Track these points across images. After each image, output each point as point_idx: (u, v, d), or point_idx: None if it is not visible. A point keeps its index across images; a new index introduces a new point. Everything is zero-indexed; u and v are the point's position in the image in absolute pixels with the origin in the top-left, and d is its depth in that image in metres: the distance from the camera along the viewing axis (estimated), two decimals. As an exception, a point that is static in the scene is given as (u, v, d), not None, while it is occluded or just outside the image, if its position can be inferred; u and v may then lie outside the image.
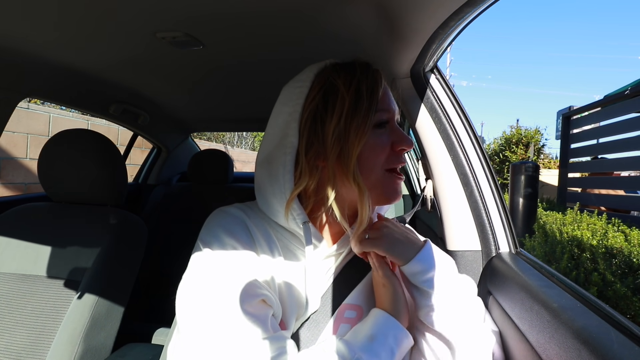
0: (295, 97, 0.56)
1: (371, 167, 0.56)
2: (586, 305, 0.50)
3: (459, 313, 0.55)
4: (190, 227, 1.93)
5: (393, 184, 0.58)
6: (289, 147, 0.55)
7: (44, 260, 1.07)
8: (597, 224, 2.20)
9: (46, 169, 1.12)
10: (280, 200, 0.56)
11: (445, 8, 0.56)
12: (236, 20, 0.78)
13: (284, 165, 0.55)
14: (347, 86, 0.55)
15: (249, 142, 11.12)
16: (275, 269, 0.57)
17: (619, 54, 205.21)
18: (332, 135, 0.54)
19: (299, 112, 0.55)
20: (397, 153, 0.58)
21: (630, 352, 0.38)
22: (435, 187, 0.86)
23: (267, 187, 0.58)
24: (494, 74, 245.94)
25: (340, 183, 0.56)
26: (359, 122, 0.53)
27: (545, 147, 10.88)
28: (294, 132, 0.55)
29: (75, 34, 0.89)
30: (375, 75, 0.57)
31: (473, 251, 0.80)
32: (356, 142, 0.53)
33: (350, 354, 0.49)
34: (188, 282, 0.53)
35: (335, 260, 0.62)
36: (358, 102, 0.54)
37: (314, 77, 0.57)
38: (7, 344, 0.97)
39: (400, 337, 0.54)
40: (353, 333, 0.54)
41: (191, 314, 0.50)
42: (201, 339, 0.48)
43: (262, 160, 0.59)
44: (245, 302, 0.49)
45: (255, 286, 0.52)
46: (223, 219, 0.58)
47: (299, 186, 0.54)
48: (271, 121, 0.60)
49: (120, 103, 1.54)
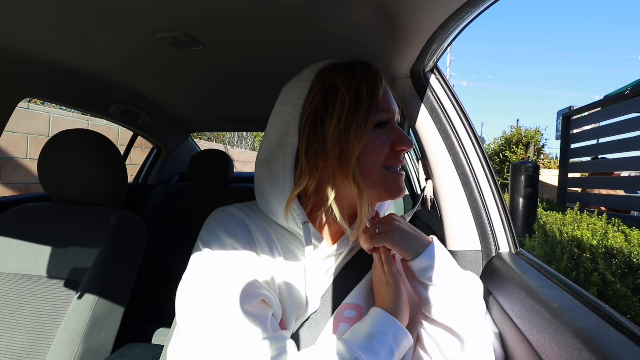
0: (295, 97, 0.56)
1: (371, 166, 0.56)
2: (586, 305, 0.50)
3: (466, 307, 0.55)
4: (190, 227, 1.93)
5: (394, 180, 0.58)
6: (289, 147, 0.55)
7: (44, 260, 1.07)
8: (597, 224, 2.20)
9: (46, 169, 1.12)
10: (280, 200, 0.56)
11: (445, 8, 0.56)
12: (236, 20, 0.78)
13: (283, 165, 0.55)
14: (347, 86, 0.55)
15: (249, 142, 11.12)
16: (275, 268, 0.57)
17: (619, 54, 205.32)
18: (332, 135, 0.54)
19: (299, 112, 0.55)
20: (396, 153, 0.58)
21: (630, 352, 0.38)
22: (435, 187, 0.86)
23: (267, 187, 0.58)
24: (494, 74, 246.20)
25: (340, 183, 0.56)
26: (359, 122, 0.53)
27: (545, 147, 10.88)
28: (294, 132, 0.55)
29: (75, 34, 0.89)
30: (375, 75, 0.57)
31: (473, 251, 0.80)
32: (356, 142, 0.53)
33: (349, 353, 0.49)
34: (188, 282, 0.53)
35: (335, 260, 0.62)
36: (358, 102, 0.54)
37: (314, 77, 0.57)
38: (7, 344, 0.97)
39: (400, 335, 0.54)
40: (352, 332, 0.54)
41: (191, 314, 0.50)
42: (201, 339, 0.48)
43: (262, 160, 0.59)
44: (245, 302, 0.49)
45: (255, 286, 0.52)
46: (223, 219, 0.58)
47: (299, 186, 0.54)
48: (271, 121, 0.60)
49: (120, 103, 1.54)
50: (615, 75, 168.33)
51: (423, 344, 0.57)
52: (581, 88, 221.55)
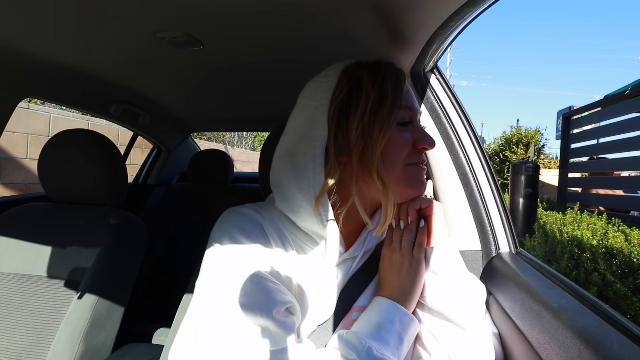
0: (322, 91, 0.56)
1: (394, 162, 0.56)
2: (586, 305, 0.50)
3: (467, 300, 0.56)
4: (191, 227, 1.94)
5: (416, 175, 0.58)
6: (319, 140, 0.53)
7: (44, 260, 1.07)
8: (597, 224, 2.19)
9: (46, 169, 1.12)
10: (307, 195, 0.53)
11: (445, 8, 0.56)
12: (236, 20, 0.78)
13: (313, 158, 0.53)
14: (372, 81, 0.55)
15: (249, 142, 11.12)
16: (293, 272, 0.55)
17: (619, 54, 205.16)
18: (356, 130, 0.53)
19: (327, 106, 0.54)
20: (418, 151, 0.58)
21: (630, 352, 0.38)
22: (436, 187, 0.86)
23: (290, 180, 0.55)
24: (494, 74, 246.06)
25: (363, 179, 0.55)
26: (383, 117, 0.53)
27: (545, 147, 10.87)
28: (323, 126, 0.54)
29: (75, 34, 0.89)
30: (399, 73, 0.58)
31: (473, 251, 0.80)
32: (380, 137, 0.53)
33: (360, 343, 0.49)
34: (209, 287, 0.50)
35: (348, 265, 0.61)
36: (383, 98, 0.54)
37: (340, 72, 0.57)
38: (7, 344, 0.97)
39: (407, 321, 0.54)
40: (359, 323, 0.53)
41: (216, 321, 0.47)
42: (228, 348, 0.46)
43: (283, 154, 0.57)
44: (274, 309, 0.47)
45: (282, 292, 0.50)
46: (238, 220, 0.55)
47: (330, 181, 0.53)
48: (294, 115, 0.59)
49: (120, 103, 1.54)
50: (615, 75, 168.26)
51: (422, 340, 0.57)
52: (581, 88, 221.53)
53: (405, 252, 0.58)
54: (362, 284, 0.61)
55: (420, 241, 0.58)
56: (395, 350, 0.51)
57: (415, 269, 0.56)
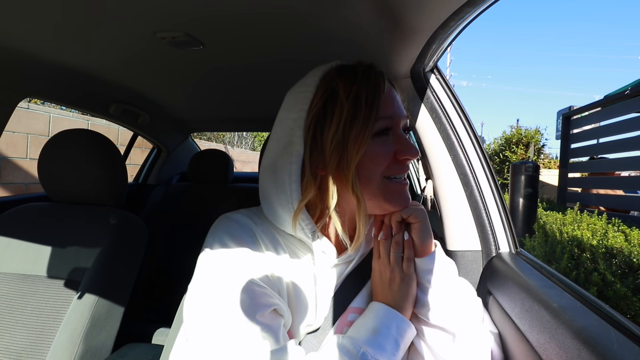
0: (299, 103, 0.55)
1: (370, 176, 0.54)
2: (586, 305, 0.50)
3: (459, 309, 0.55)
4: (191, 227, 1.94)
5: (396, 190, 0.56)
6: (295, 156, 0.53)
7: (44, 260, 1.07)
8: (597, 224, 2.19)
9: (46, 169, 1.12)
10: (287, 210, 0.54)
11: (445, 8, 0.56)
12: (236, 20, 0.78)
13: (289, 174, 0.53)
14: (347, 92, 0.53)
15: (249, 142, 11.11)
16: (284, 276, 0.55)
17: (619, 54, 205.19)
18: (331, 143, 0.52)
19: (303, 119, 0.54)
20: (400, 162, 0.56)
21: (630, 352, 0.38)
22: (436, 187, 0.86)
23: (272, 195, 0.56)
24: (494, 74, 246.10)
25: (341, 193, 0.54)
26: (357, 130, 0.52)
27: (545, 147, 10.88)
28: (299, 140, 0.53)
29: (75, 34, 0.89)
30: (377, 80, 0.55)
31: (473, 251, 0.80)
32: (354, 151, 0.52)
33: (355, 349, 0.49)
34: (197, 291, 0.51)
35: (342, 268, 0.61)
36: (357, 110, 0.52)
37: (319, 81, 0.55)
38: (7, 344, 0.97)
39: (403, 327, 0.54)
40: (355, 328, 0.53)
41: (202, 324, 0.48)
42: (213, 350, 0.47)
43: (267, 167, 0.58)
44: (258, 312, 0.48)
45: (268, 295, 0.50)
46: (230, 226, 0.56)
47: (306, 197, 0.53)
48: (276, 127, 0.58)
49: (120, 103, 1.54)
50: (615, 75, 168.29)
51: (415, 347, 0.57)
52: (581, 88, 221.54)
53: (395, 266, 0.56)
54: (356, 285, 0.61)
55: (408, 255, 0.57)
56: (391, 356, 0.51)
57: (407, 283, 0.56)
